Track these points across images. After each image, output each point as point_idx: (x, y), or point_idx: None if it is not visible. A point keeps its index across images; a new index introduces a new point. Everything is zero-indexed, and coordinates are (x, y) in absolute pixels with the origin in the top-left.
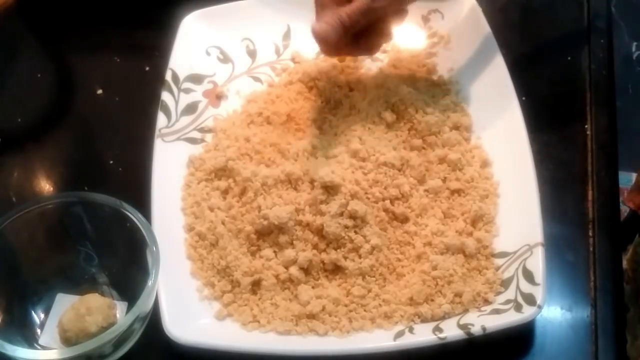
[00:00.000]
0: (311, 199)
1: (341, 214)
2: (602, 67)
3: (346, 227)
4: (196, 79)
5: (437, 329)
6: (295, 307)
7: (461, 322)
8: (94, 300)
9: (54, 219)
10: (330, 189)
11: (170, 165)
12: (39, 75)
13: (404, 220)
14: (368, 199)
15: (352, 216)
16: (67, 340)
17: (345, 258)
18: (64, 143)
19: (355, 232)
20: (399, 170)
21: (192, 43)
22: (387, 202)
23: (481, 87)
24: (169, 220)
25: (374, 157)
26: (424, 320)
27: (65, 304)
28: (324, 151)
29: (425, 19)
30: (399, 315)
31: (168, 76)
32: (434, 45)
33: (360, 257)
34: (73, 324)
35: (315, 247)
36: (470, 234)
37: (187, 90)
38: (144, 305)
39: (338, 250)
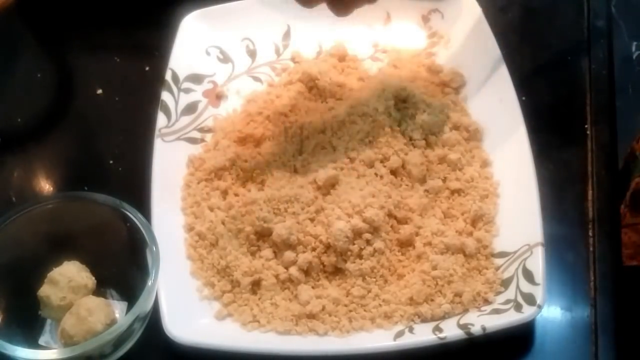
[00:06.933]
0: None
1: (352, 235)
2: (602, 67)
3: (354, 239)
4: (196, 78)
5: (437, 329)
6: (295, 307)
7: (461, 322)
8: (90, 301)
9: (54, 219)
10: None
11: (170, 165)
12: (39, 75)
13: (406, 222)
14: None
15: (367, 222)
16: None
17: (346, 261)
18: (64, 143)
19: (361, 237)
20: (400, 172)
21: (192, 43)
22: (392, 207)
23: (481, 87)
24: (169, 220)
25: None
26: (424, 320)
27: None
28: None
29: (425, 19)
30: (399, 315)
31: (168, 76)
32: (434, 45)
33: (361, 258)
34: (78, 328)
35: (315, 249)
36: (470, 234)
37: (187, 90)
38: (144, 305)
39: (340, 255)
